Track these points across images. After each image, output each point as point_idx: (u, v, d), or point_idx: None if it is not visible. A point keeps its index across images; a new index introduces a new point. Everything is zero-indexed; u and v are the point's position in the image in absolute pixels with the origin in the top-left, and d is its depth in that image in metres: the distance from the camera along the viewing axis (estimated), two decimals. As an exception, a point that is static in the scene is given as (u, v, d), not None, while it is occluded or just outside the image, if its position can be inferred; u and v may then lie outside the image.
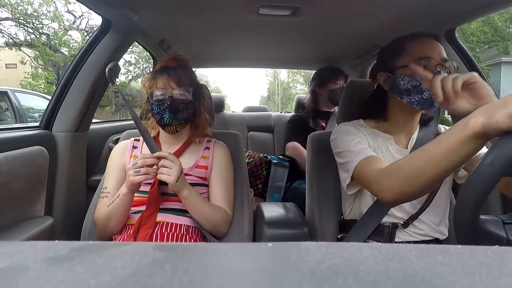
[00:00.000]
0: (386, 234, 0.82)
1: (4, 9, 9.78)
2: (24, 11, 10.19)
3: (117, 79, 1.10)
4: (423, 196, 0.77)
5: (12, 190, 0.93)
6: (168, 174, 0.79)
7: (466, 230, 0.44)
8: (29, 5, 10.36)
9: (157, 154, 0.82)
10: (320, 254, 0.19)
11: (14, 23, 10.25)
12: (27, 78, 11.73)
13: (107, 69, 1.05)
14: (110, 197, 0.91)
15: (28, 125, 1.16)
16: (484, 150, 0.71)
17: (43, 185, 1.08)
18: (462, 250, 0.20)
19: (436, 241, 0.84)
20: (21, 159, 0.96)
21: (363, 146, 0.80)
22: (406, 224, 0.82)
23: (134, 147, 1.01)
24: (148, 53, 1.71)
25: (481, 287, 0.16)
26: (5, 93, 3.83)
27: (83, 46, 1.19)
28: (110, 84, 1.14)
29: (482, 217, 0.46)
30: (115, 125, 1.74)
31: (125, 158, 0.98)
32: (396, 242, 0.82)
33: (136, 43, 1.45)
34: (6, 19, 10.14)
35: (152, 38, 1.44)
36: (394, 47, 0.85)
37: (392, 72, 0.83)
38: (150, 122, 1.01)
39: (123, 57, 1.19)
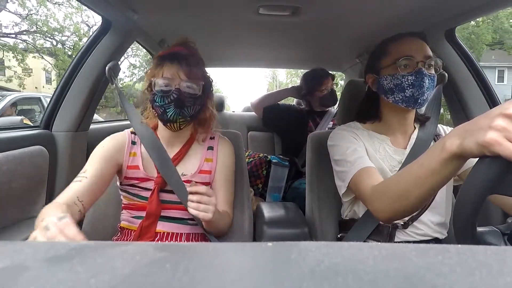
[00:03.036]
0: (385, 234, 0.81)
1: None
2: (51, 27, 11.80)
3: (116, 79, 1.10)
4: None
5: (12, 190, 0.93)
6: (205, 212, 0.72)
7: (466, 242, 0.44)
8: (56, 21, 12.00)
9: (193, 189, 0.74)
10: (320, 253, 0.19)
11: (40, 35, 11.82)
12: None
13: (107, 69, 1.05)
14: (84, 183, 0.76)
15: (28, 125, 1.16)
16: None
17: (43, 185, 1.08)
18: (462, 250, 0.20)
19: (436, 241, 0.84)
20: (21, 159, 0.96)
21: (359, 155, 0.81)
22: (406, 225, 0.82)
23: (133, 143, 0.90)
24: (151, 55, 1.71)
25: (481, 287, 0.16)
26: (38, 99, 4.83)
27: (83, 45, 1.19)
28: (110, 84, 1.14)
29: (480, 229, 0.46)
30: (115, 125, 1.73)
31: (122, 155, 0.87)
32: (396, 242, 0.82)
33: (136, 43, 1.45)
34: (35, 32, 11.49)
35: (152, 37, 1.44)
36: (379, 49, 0.88)
37: (378, 74, 0.86)
38: (147, 112, 0.90)
39: (128, 60, 1.17)
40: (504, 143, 0.40)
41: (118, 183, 0.92)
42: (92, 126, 1.34)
